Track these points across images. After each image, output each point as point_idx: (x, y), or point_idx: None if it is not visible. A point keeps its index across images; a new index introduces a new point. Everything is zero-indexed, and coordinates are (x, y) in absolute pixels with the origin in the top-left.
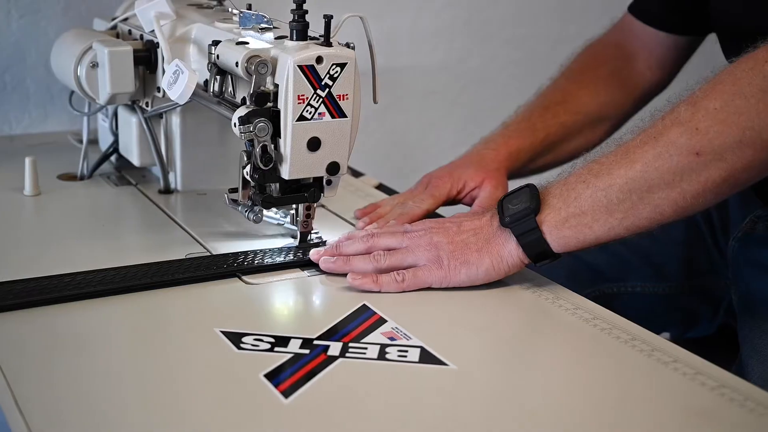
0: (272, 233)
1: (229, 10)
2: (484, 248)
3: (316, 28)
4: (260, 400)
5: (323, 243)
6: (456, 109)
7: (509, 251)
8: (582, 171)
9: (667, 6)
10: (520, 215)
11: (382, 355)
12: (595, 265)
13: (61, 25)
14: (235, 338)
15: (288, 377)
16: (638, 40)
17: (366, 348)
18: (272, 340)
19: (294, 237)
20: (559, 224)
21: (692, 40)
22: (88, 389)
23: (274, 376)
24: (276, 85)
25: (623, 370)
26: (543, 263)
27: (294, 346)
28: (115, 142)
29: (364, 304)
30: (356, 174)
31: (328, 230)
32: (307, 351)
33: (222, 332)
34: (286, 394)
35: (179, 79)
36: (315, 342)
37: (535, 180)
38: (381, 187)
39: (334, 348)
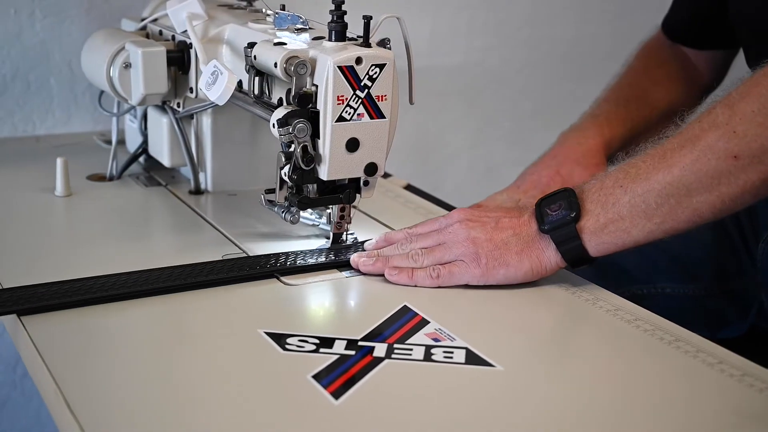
0: (306, 234)
1: (263, 10)
2: (524, 251)
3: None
4: (311, 401)
5: (360, 243)
6: (474, 110)
7: (548, 257)
8: (618, 175)
9: (692, 26)
10: (560, 223)
11: (428, 357)
12: (623, 265)
13: (85, 25)
14: (280, 339)
15: (336, 378)
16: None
17: (411, 349)
18: (317, 341)
19: (329, 238)
20: (598, 230)
21: (729, 52)
22: (134, 391)
23: (322, 377)
24: (314, 86)
25: (670, 372)
26: (580, 268)
27: (339, 348)
28: (145, 142)
29: (405, 305)
30: (384, 175)
31: (359, 231)
32: (352, 352)
33: (266, 333)
34: (336, 395)
35: (218, 79)
36: (360, 343)
37: None
38: (409, 188)
39: (380, 349)
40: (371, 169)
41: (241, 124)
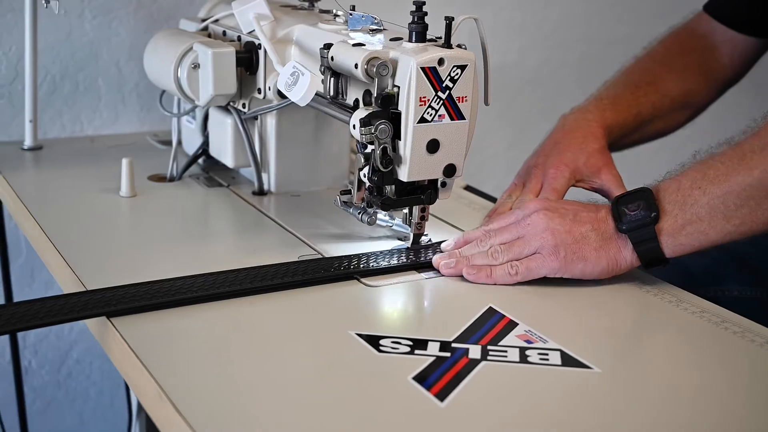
0: (377, 235)
1: (333, 11)
2: (602, 248)
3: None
4: (416, 404)
5: (436, 244)
6: (512, 111)
7: (624, 256)
8: (696, 175)
9: (749, 10)
10: (639, 224)
11: (523, 359)
12: (691, 268)
13: (132, 26)
14: (373, 341)
15: (437, 380)
16: (721, 34)
17: (506, 351)
18: (410, 342)
19: (401, 239)
20: (676, 232)
21: (764, 44)
22: (237, 393)
23: (423, 379)
24: (396, 87)
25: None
26: (654, 269)
27: (433, 349)
28: (205, 143)
29: (491, 307)
30: None
31: (428, 232)
32: (447, 354)
33: (358, 335)
34: (441, 397)
35: (299, 80)
36: (453, 345)
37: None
38: (469, 189)
39: (474, 351)
40: (450, 170)
41: (305, 124)
